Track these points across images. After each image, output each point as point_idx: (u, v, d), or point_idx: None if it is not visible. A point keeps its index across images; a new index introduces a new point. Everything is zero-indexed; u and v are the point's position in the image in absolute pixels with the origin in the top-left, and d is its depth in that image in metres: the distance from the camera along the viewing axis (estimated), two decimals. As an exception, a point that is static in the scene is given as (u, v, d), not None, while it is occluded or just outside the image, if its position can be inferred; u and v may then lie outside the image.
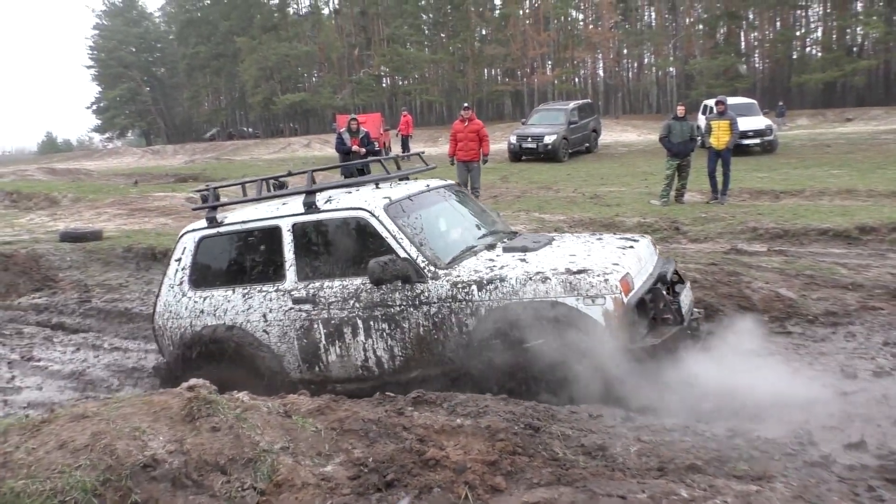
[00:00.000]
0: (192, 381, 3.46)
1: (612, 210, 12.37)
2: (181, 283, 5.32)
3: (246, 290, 5.11)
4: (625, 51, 52.26)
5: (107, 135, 68.31)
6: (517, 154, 22.95)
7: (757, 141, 20.20)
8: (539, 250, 4.93)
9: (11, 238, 11.96)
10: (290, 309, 4.95)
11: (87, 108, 68.90)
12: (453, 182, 6.09)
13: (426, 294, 4.63)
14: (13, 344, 7.61)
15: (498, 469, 3.07)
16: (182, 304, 5.29)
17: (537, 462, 3.19)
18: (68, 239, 11.05)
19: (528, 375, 4.31)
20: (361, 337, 4.80)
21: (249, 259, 5.24)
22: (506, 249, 4.97)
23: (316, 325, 4.90)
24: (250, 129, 59.69)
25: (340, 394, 4.50)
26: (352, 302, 4.79)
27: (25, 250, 10.34)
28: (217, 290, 5.22)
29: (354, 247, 4.84)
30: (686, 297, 5.04)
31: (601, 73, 52.97)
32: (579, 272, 4.41)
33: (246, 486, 2.86)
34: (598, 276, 4.35)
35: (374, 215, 4.77)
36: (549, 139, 22.20)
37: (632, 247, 5.02)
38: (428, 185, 5.55)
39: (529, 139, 22.58)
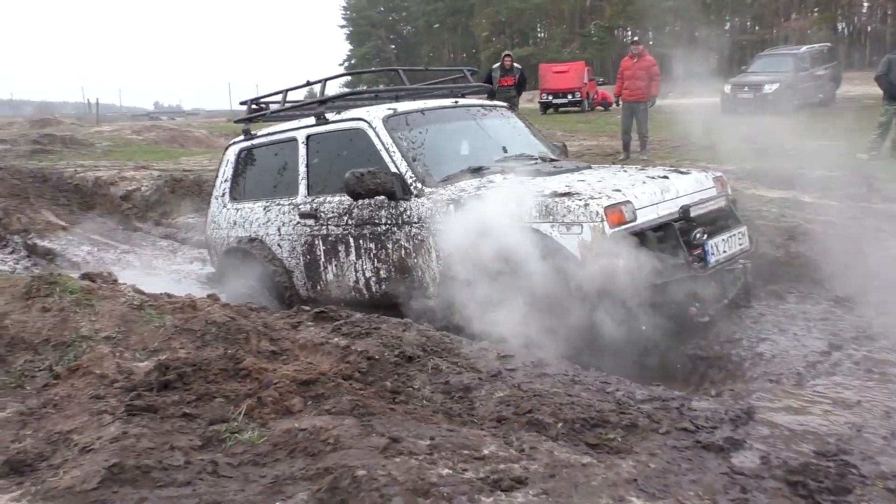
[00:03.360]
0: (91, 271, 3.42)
1: (800, 162, 10.50)
2: (223, 194, 5.50)
3: (267, 203, 5.12)
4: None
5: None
6: (731, 105, 20.48)
7: None
8: (553, 175, 4.28)
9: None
10: (298, 223, 4.88)
11: (339, 65, 74.93)
12: (502, 104, 5.52)
13: (408, 213, 4.25)
14: (144, 253, 8.47)
15: (308, 391, 2.62)
16: (222, 215, 5.47)
17: (370, 391, 2.68)
18: None
19: (497, 315, 3.69)
20: (353, 256, 4.57)
21: (274, 172, 5.22)
22: (518, 173, 4.39)
23: (317, 242, 4.77)
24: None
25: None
26: (345, 218, 4.58)
27: (193, 176, 11.39)
28: (248, 203, 5.31)
29: (353, 159, 4.56)
30: (722, 241, 4.05)
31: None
32: (563, 195, 3.69)
33: (43, 367, 2.73)
34: (580, 201, 3.60)
35: (371, 126, 4.49)
36: (769, 88, 19.53)
37: (665, 177, 4.15)
38: (456, 102, 5.09)
39: (746, 88, 20.02)
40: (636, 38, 12.41)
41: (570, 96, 25.88)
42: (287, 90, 5.34)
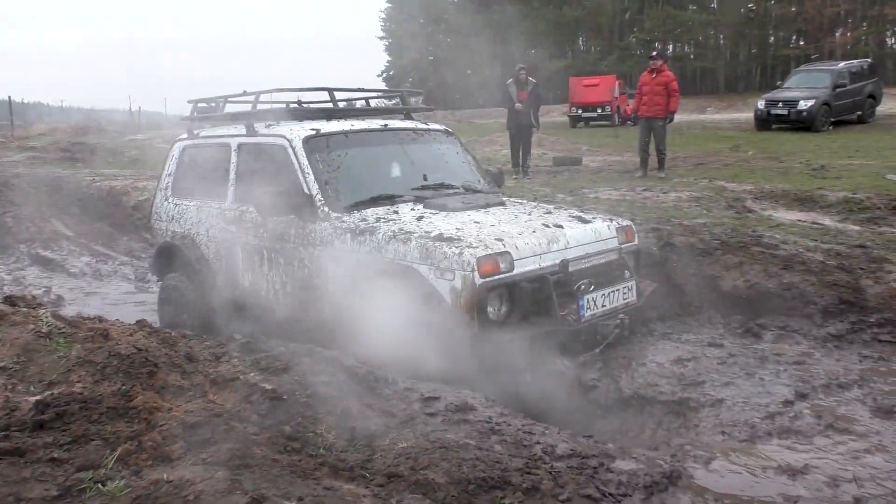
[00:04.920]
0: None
1: (824, 182, 10.09)
2: (167, 187, 5.60)
3: (200, 204, 5.22)
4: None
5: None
6: (764, 121, 19.91)
7: None
8: (458, 211, 4.25)
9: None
10: (223, 228, 4.96)
11: (378, 76, 75.55)
12: (442, 128, 5.44)
13: (313, 235, 4.27)
14: (142, 265, 8.44)
15: (195, 435, 2.44)
16: (164, 208, 5.58)
17: (264, 436, 2.49)
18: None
19: (378, 342, 3.69)
20: (266, 268, 4.62)
21: (209, 174, 5.28)
22: (426, 205, 4.37)
23: (236, 249, 4.83)
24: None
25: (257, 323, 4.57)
26: (262, 230, 4.62)
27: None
28: (185, 200, 5.41)
29: (275, 174, 4.58)
30: (602, 296, 4.00)
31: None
32: (444, 240, 3.71)
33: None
34: (456, 248, 3.61)
35: (291, 145, 4.50)
36: (804, 105, 18.86)
37: (560, 226, 4.11)
38: (386, 125, 5.03)
39: (780, 104, 19.40)
40: (654, 53, 11.99)
41: (599, 110, 25.49)
42: (227, 97, 5.35)
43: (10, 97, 29.72)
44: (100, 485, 2.15)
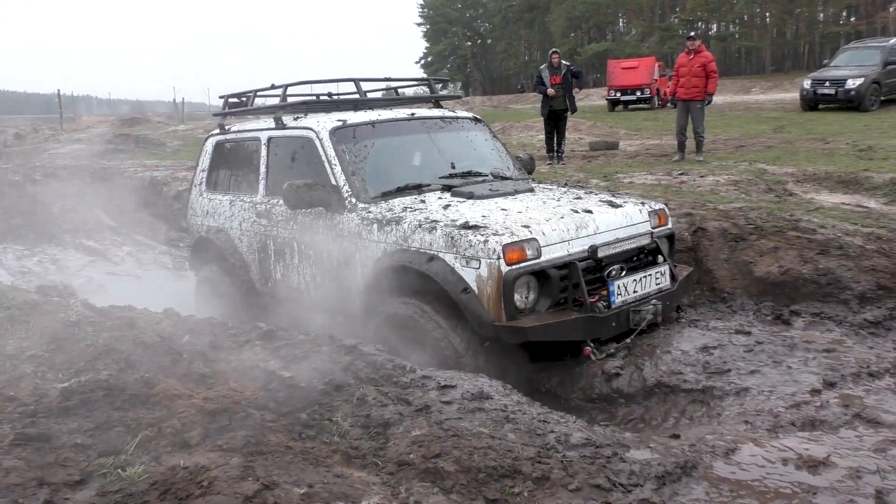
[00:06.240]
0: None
1: (870, 164, 9.78)
2: (201, 182, 5.69)
3: (233, 198, 5.28)
4: None
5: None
6: (811, 102, 19.30)
7: None
8: (484, 198, 4.23)
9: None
10: (255, 221, 5.00)
11: (416, 62, 75.36)
12: (471, 115, 5.41)
13: (341, 226, 4.28)
14: (180, 254, 8.62)
15: (214, 421, 2.50)
16: (199, 203, 5.67)
17: (281, 423, 2.54)
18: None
19: (404, 333, 3.83)
20: (296, 259, 4.66)
21: (241, 168, 5.36)
22: (454, 193, 4.35)
23: (269, 242, 4.88)
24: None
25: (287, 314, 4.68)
26: (292, 223, 4.65)
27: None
28: (218, 194, 5.49)
29: (303, 166, 4.63)
30: (633, 282, 3.94)
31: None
32: (470, 228, 3.68)
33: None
34: (482, 236, 3.58)
35: (318, 136, 4.51)
36: (852, 83, 18.21)
37: (589, 211, 4.03)
38: (413, 114, 5.00)
39: (827, 83, 18.76)
40: (692, 34, 11.71)
41: (638, 93, 25.01)
42: (256, 91, 5.38)
43: (59, 90, 30.53)
44: (120, 470, 2.22)
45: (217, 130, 5.59)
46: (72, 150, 17.28)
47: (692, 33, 11.80)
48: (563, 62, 11.88)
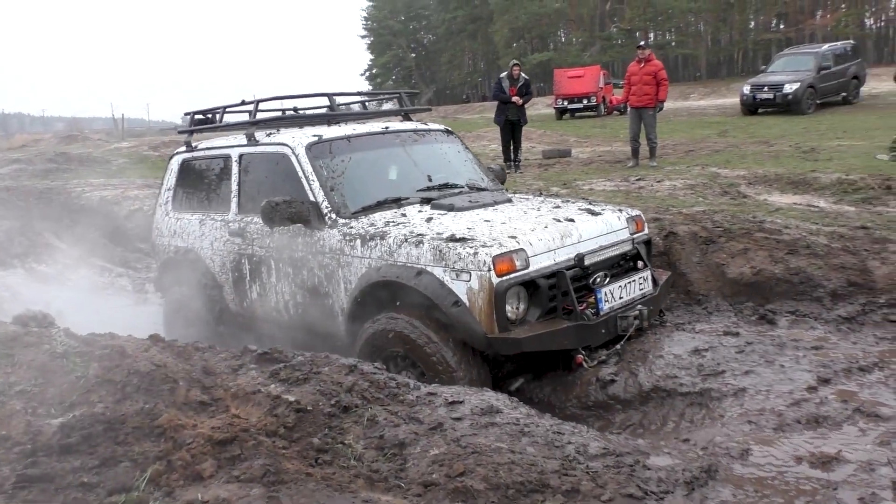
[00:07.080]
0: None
1: (816, 165, 10.16)
2: (167, 202, 5.54)
3: (203, 217, 5.16)
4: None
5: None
6: (751, 106, 20.00)
7: None
8: (465, 210, 4.21)
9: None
10: (227, 240, 4.90)
11: (361, 75, 75.24)
12: (442, 127, 5.40)
13: (321, 242, 4.21)
14: (139, 276, 8.35)
15: (224, 451, 2.40)
16: (165, 223, 5.52)
17: (294, 449, 2.46)
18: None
19: (394, 350, 3.79)
20: (274, 278, 4.57)
21: (210, 186, 5.24)
22: (433, 206, 4.32)
23: (243, 261, 4.78)
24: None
25: (265, 335, 4.61)
26: (268, 241, 4.56)
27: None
28: (186, 214, 5.35)
29: (278, 183, 4.53)
30: (619, 288, 4.00)
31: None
32: (457, 240, 3.66)
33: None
34: (470, 248, 3.57)
35: (294, 152, 4.43)
36: (789, 88, 18.95)
37: (571, 220, 4.07)
38: (387, 128, 4.95)
39: (766, 88, 19.49)
40: (642, 43, 12.02)
41: (585, 101, 25.49)
42: (225, 107, 5.26)
43: (-10, 109, 29.30)
44: (133, 507, 2.12)
45: (183, 148, 5.44)
46: (10, 171, 16.61)
47: (642, 42, 12.12)
48: (523, 75, 12.01)
